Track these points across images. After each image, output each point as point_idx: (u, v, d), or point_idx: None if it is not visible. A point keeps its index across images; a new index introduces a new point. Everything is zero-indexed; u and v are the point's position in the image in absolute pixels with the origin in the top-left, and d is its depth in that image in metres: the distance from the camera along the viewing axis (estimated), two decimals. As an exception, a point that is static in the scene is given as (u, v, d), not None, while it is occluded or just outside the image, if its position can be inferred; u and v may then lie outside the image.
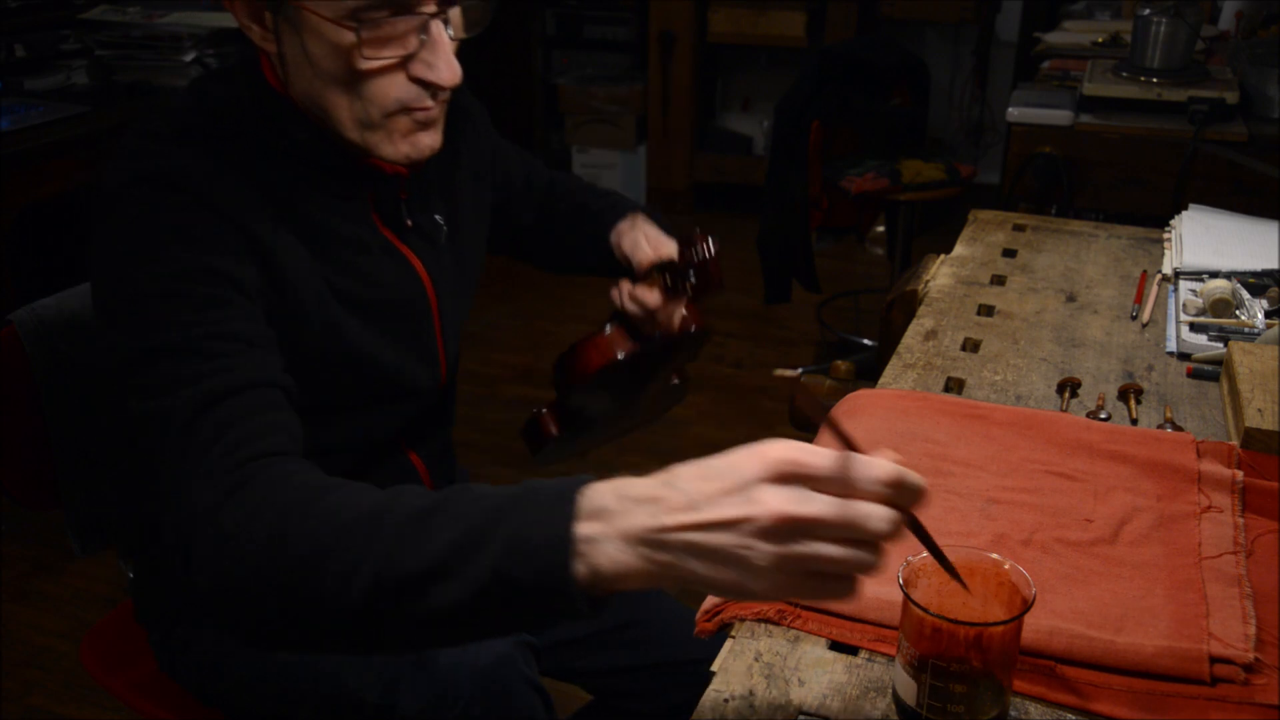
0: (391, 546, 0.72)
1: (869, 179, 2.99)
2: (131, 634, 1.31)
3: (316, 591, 0.74)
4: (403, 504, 0.75)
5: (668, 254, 1.20)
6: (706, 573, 0.66)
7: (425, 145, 1.01)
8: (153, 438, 0.85)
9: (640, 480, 0.69)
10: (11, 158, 2.50)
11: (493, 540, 0.69)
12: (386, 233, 1.09)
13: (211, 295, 0.90)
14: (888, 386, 1.25)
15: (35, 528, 2.51)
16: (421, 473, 1.22)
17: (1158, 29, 2.38)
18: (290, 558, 0.75)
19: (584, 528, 0.68)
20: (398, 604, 0.72)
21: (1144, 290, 1.50)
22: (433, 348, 1.16)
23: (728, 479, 0.66)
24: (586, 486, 0.70)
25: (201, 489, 0.80)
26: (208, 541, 0.78)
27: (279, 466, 0.82)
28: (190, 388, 0.85)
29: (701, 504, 0.66)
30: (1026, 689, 0.80)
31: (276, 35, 0.96)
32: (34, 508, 1.32)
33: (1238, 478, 1.03)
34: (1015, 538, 0.95)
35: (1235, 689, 0.79)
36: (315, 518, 0.76)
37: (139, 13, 3.14)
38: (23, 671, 2.12)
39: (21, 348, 1.23)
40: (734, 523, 0.65)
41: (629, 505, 0.68)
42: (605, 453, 2.88)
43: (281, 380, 0.91)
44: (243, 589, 0.77)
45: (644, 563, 0.67)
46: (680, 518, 0.66)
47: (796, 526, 0.64)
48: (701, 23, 4.33)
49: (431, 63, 0.96)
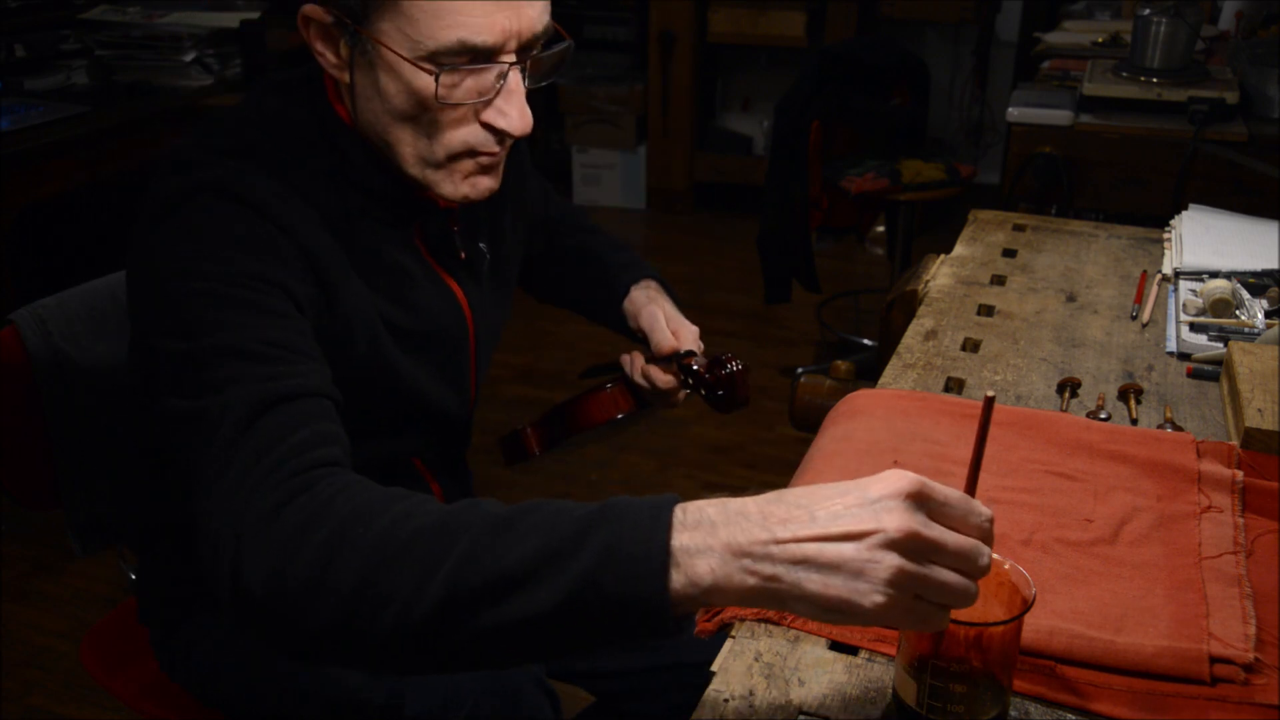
0: (471, 551, 0.70)
1: (869, 179, 2.99)
2: (131, 634, 1.32)
3: (382, 600, 0.71)
4: (479, 514, 0.73)
5: (686, 347, 1.22)
6: (816, 588, 0.66)
7: (485, 188, 1.02)
8: (196, 436, 0.83)
9: (740, 499, 0.69)
10: (11, 158, 2.50)
11: (584, 549, 0.68)
12: (432, 262, 1.09)
13: (268, 304, 0.89)
14: (888, 386, 1.25)
15: (35, 528, 2.51)
16: (435, 490, 1.22)
17: (1158, 29, 2.38)
18: (355, 564, 0.72)
19: (683, 538, 0.67)
20: (473, 613, 0.69)
21: (1144, 290, 1.50)
22: (466, 376, 1.16)
23: (852, 495, 0.67)
24: (682, 502, 0.69)
25: (255, 494, 0.78)
26: (263, 547, 0.75)
27: (339, 477, 0.80)
28: (244, 388, 0.83)
29: (823, 517, 0.66)
30: (1026, 689, 0.80)
31: (350, 66, 0.95)
32: (34, 508, 1.32)
33: (1238, 478, 1.03)
34: (1015, 538, 0.95)
35: (1235, 689, 0.79)
36: (382, 525, 0.73)
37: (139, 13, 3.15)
38: (23, 671, 2.12)
39: (22, 348, 1.23)
40: (861, 535, 0.65)
41: (734, 517, 0.67)
42: (604, 452, 2.88)
43: (333, 393, 0.90)
44: (300, 597, 0.73)
45: (746, 576, 0.66)
46: (796, 529, 0.66)
47: (924, 545, 0.65)
48: (701, 23, 4.34)
49: (505, 110, 0.96)
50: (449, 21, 0.90)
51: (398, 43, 0.91)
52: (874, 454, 1.07)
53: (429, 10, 0.89)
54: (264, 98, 1.02)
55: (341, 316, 0.99)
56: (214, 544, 0.78)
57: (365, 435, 0.94)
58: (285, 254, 0.93)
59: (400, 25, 0.90)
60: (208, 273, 0.88)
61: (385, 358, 1.04)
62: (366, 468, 0.86)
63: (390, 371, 1.05)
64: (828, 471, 1.04)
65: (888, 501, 0.66)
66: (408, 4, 0.90)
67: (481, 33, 0.91)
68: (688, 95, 4.41)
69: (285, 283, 0.91)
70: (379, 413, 1.07)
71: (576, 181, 4.68)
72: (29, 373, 1.24)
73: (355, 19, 0.92)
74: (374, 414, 1.07)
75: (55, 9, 3.12)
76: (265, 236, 0.92)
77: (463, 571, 0.69)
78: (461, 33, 0.90)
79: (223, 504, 0.79)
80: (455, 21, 0.90)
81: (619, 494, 0.73)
